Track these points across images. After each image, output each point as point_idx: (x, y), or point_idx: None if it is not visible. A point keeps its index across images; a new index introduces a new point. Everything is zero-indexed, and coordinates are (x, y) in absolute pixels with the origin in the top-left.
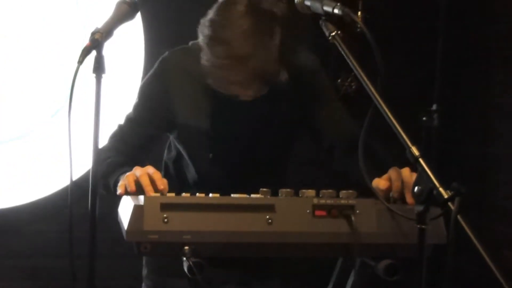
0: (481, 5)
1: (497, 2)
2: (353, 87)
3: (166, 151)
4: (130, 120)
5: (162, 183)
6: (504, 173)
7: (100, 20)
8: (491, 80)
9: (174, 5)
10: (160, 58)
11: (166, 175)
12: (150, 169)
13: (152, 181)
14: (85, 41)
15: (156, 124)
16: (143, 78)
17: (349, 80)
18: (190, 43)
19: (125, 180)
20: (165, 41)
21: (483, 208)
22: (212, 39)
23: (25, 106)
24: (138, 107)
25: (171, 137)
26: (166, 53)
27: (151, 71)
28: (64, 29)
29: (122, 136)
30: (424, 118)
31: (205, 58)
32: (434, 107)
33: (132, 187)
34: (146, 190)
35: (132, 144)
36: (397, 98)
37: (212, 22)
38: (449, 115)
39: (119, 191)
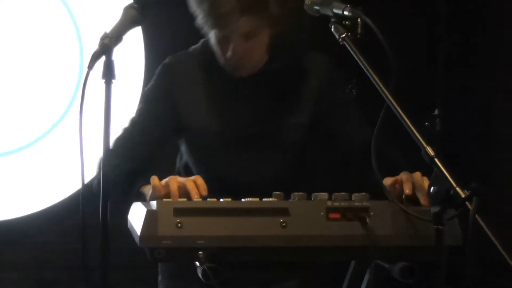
0: (483, 9)
1: (498, 6)
2: (354, 93)
3: (178, 159)
4: (135, 123)
5: (204, 188)
6: (508, 178)
7: (96, 25)
8: (493, 85)
9: (174, 12)
10: (162, 64)
11: None
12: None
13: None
14: (77, 48)
15: (163, 126)
16: (143, 84)
17: (349, 86)
18: (191, 48)
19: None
20: (165, 48)
21: (487, 213)
22: None
23: (23, 117)
24: (144, 111)
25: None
26: (167, 58)
27: (154, 76)
28: (57, 34)
29: (128, 140)
30: (426, 123)
31: (198, 17)
32: (436, 112)
33: (175, 191)
34: (192, 193)
35: (140, 149)
36: (399, 103)
37: None
38: (452, 120)
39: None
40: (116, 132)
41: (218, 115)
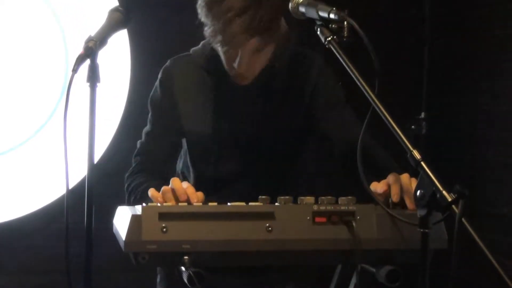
0: (466, 14)
1: (483, 9)
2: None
3: (178, 160)
4: (148, 134)
5: (196, 196)
6: (493, 181)
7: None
8: (478, 87)
9: (160, 15)
10: (163, 67)
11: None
12: (184, 184)
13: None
14: (62, 51)
15: (173, 132)
16: (129, 87)
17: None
18: (192, 49)
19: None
20: (151, 51)
21: (472, 215)
22: (211, 2)
23: (7, 120)
24: (152, 119)
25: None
26: (168, 61)
27: (157, 82)
28: (42, 39)
29: (146, 153)
30: (412, 127)
31: (206, 28)
32: (422, 115)
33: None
34: (192, 198)
35: (159, 158)
36: (385, 107)
37: None
38: (437, 123)
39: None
40: (101, 131)
41: (213, 119)
